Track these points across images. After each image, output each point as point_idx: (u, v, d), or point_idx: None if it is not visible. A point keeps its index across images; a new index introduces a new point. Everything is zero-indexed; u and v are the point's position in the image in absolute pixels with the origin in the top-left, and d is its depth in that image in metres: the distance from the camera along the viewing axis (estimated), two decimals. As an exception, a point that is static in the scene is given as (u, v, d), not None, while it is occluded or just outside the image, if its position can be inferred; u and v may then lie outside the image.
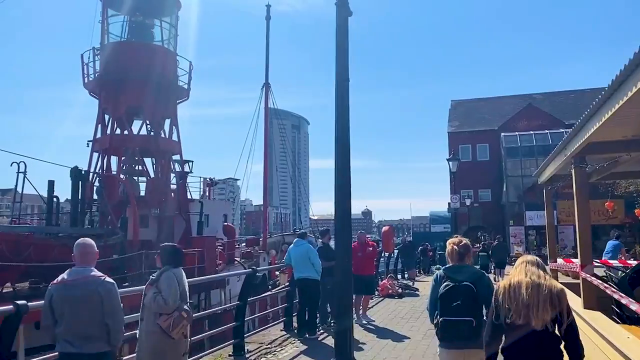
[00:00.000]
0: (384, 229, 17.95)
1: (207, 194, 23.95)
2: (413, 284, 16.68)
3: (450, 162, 19.48)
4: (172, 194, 20.64)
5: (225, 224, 22.67)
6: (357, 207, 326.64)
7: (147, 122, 20.50)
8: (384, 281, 15.49)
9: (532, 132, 42.88)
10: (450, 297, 3.94)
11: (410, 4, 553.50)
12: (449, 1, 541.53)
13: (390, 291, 14.94)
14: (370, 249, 10.95)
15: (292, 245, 9.65)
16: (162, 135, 20.38)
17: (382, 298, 14.72)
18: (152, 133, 20.42)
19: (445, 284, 4.04)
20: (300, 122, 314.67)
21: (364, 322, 10.60)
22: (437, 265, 30.00)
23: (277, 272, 21.11)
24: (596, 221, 39.45)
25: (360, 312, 10.85)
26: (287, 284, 11.59)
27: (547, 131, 42.18)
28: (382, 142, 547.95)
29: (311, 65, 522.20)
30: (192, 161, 23.32)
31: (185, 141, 20.74)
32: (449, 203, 51.88)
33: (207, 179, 24.86)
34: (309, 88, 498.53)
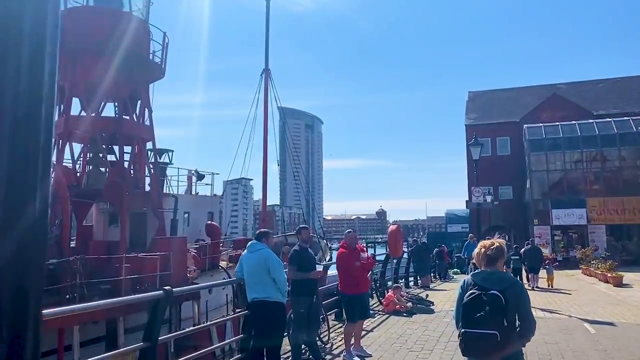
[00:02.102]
0: (391, 227, 14.68)
1: (190, 188, 20.97)
2: (427, 296, 13.44)
3: (472, 148, 16.25)
4: (148, 187, 17.77)
5: (210, 222, 19.61)
6: (371, 208, 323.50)
7: (116, 104, 17.63)
8: (389, 293, 12.32)
9: (558, 123, 39.28)
10: (474, 306, 3.46)
11: (423, 1, 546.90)
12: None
13: (397, 306, 11.79)
14: (365, 254, 7.79)
15: (245, 250, 6.59)
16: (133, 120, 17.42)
17: (386, 315, 11.59)
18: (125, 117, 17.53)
19: (470, 292, 3.55)
20: (314, 122, 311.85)
21: (354, 357, 7.48)
22: (455, 270, 26.73)
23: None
24: (630, 220, 36.08)
25: (352, 343, 7.73)
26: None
27: (574, 122, 38.57)
28: (397, 142, 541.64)
29: (324, 64, 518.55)
30: (172, 151, 20.56)
31: (198, 142, 17.93)
32: (466, 201, 48.34)
33: (193, 172, 21.92)
34: (322, 87, 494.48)
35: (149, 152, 19.37)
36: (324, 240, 29.50)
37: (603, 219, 35.64)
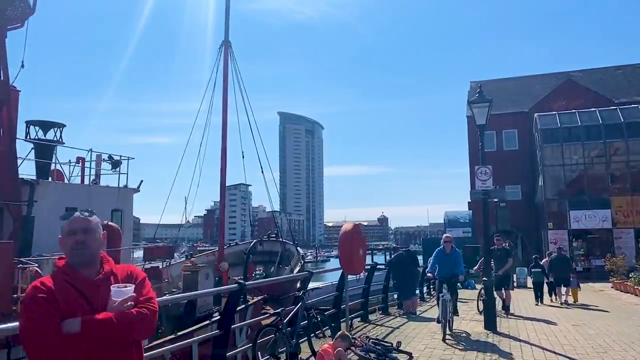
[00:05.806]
0: (344, 227, 9.02)
1: (83, 175, 15.47)
2: (398, 344, 7.83)
3: (475, 108, 10.84)
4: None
5: (108, 223, 13.86)
6: (372, 214, 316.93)
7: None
8: (325, 346, 6.74)
9: (575, 110, 33.83)
10: None
11: (418, 5, 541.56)
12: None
13: (338, 370, 6.27)
14: (129, 289, 2.16)
15: None
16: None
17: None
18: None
19: None
20: (314, 127, 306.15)
21: None
22: (459, 285, 21.23)
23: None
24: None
25: None
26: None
27: (595, 109, 33.08)
28: (399, 148, 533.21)
29: (325, 71, 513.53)
30: (63, 125, 15.15)
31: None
32: (468, 202, 42.73)
33: (103, 156, 16.50)
34: (323, 94, 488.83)
35: (33, 127, 14.13)
36: (297, 249, 22.40)
37: (631, 222, 30.13)
